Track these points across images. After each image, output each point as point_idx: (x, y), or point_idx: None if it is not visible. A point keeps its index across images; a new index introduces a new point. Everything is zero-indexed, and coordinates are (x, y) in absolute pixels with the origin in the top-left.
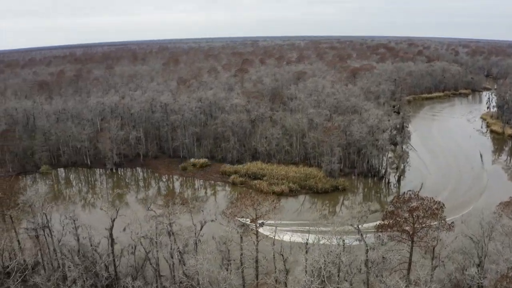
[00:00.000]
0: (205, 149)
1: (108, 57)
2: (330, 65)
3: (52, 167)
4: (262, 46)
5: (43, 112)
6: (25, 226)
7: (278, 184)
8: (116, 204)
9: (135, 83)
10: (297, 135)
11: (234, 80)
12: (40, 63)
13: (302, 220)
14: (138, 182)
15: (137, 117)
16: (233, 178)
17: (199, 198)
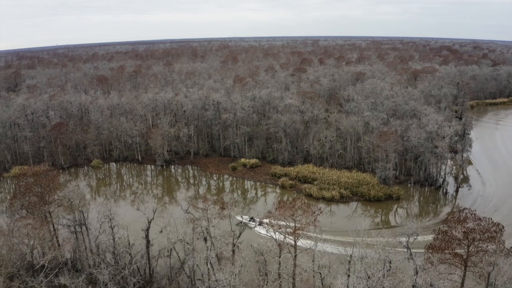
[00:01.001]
0: (256, 149)
1: (168, 54)
2: (391, 66)
3: (103, 162)
4: (323, 45)
5: (98, 106)
6: (64, 223)
7: (329, 189)
8: (159, 203)
9: (192, 80)
10: (352, 138)
11: (291, 79)
12: (103, 58)
13: (348, 230)
14: (187, 180)
15: (190, 114)
16: (283, 181)
17: (247, 200)
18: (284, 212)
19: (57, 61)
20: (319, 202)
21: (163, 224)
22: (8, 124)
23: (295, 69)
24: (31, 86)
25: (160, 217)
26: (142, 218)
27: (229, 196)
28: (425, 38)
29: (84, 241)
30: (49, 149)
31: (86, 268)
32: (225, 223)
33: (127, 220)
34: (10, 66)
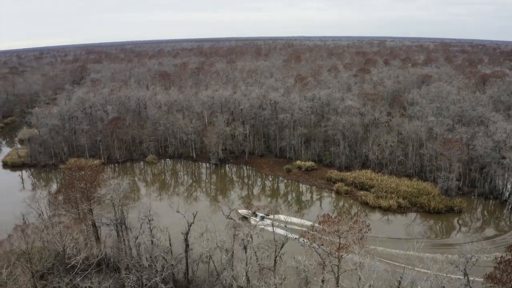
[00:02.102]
0: (313, 151)
1: (232, 51)
2: (458, 69)
3: (158, 158)
4: (389, 46)
5: (156, 102)
6: (103, 221)
7: (386, 198)
8: (211, 202)
9: (254, 78)
10: (414, 144)
11: (353, 80)
12: (168, 55)
13: (401, 247)
14: (241, 180)
15: (246, 113)
16: (338, 186)
17: (301, 204)
18: (328, 227)
19: (124, 57)
20: (375, 211)
21: (204, 228)
22: (67, 117)
23: (359, 70)
24: (94, 80)
25: (200, 220)
26: (185, 219)
27: (282, 199)
28: (496, 41)
29: (123, 241)
30: (105, 143)
31: (122, 270)
32: (268, 232)
33: (170, 220)
34: (77, 60)
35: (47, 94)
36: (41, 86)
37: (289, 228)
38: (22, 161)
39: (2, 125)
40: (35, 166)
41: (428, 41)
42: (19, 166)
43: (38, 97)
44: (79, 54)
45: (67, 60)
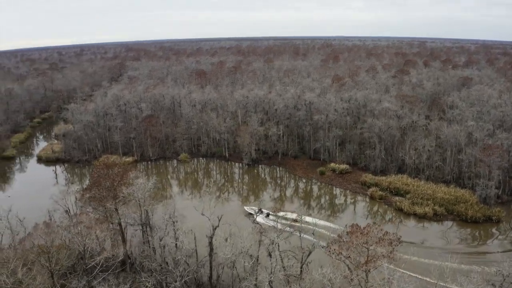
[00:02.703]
0: (348, 154)
1: (270, 51)
2: (500, 72)
3: (191, 156)
4: (429, 47)
5: (190, 100)
6: (128, 221)
7: (422, 204)
8: (243, 203)
9: (291, 78)
10: (452, 149)
11: (392, 81)
12: (206, 53)
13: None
14: (274, 181)
15: (281, 113)
16: (372, 191)
17: (334, 208)
18: (356, 238)
19: (162, 54)
20: (410, 218)
21: (229, 232)
22: (102, 113)
23: (398, 71)
24: (132, 77)
25: (225, 224)
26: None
27: (315, 202)
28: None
29: (148, 242)
30: (139, 141)
31: (145, 271)
32: (295, 238)
33: (196, 222)
34: (116, 57)
35: (84, 91)
36: (79, 83)
37: (317, 232)
38: (56, 156)
39: (40, 120)
40: (69, 162)
41: (469, 43)
42: (53, 161)
43: (76, 93)
44: (118, 52)
45: (107, 57)
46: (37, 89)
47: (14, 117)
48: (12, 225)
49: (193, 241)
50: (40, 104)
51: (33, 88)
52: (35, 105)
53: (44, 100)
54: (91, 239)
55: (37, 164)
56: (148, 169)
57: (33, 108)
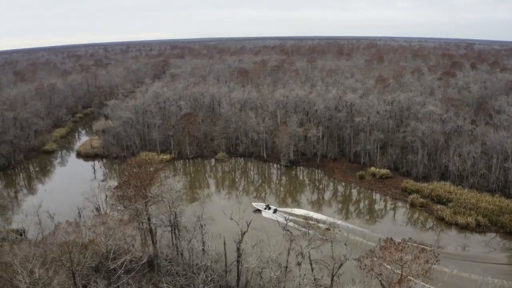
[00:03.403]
0: (389, 158)
1: (314, 50)
2: None
3: (228, 155)
4: (477, 49)
5: (230, 99)
6: (156, 222)
7: (464, 214)
8: (281, 205)
9: (333, 78)
10: (499, 157)
11: (437, 83)
12: (249, 52)
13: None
14: (312, 184)
15: (321, 114)
16: (413, 198)
17: (374, 214)
18: (389, 254)
19: (206, 53)
20: (451, 227)
21: (259, 237)
22: (141, 110)
23: (443, 73)
24: (174, 74)
25: (255, 229)
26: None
27: (354, 207)
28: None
29: (176, 244)
30: (177, 138)
31: (171, 274)
32: (327, 247)
33: (226, 225)
34: (161, 54)
35: (126, 87)
36: (121, 79)
37: (352, 240)
38: (95, 151)
39: (82, 115)
40: (107, 157)
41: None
42: (92, 156)
43: (118, 89)
44: (163, 49)
45: (151, 55)
46: (80, 84)
47: (56, 112)
48: (43, 220)
49: (220, 245)
50: (82, 99)
51: (76, 83)
52: (78, 101)
53: (86, 95)
54: (115, 239)
55: (76, 159)
56: (186, 167)
57: (76, 103)
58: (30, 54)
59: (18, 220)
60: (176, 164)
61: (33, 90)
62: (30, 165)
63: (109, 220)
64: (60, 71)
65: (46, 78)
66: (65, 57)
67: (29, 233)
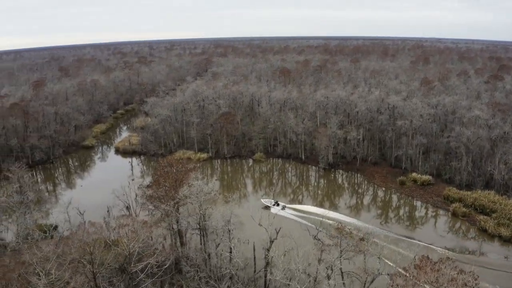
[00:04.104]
0: (431, 164)
1: (358, 50)
2: None
3: (266, 156)
4: None
5: (269, 99)
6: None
7: (509, 226)
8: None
9: (377, 79)
10: None
11: (484, 87)
12: (293, 52)
13: None
14: (352, 188)
15: (362, 116)
16: (455, 207)
17: (413, 221)
18: (424, 274)
19: (249, 52)
20: (494, 240)
21: (288, 245)
22: (180, 108)
23: (491, 76)
24: (215, 73)
25: (285, 237)
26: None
27: (393, 213)
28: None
29: (203, 247)
30: (214, 137)
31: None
32: (360, 258)
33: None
34: (204, 53)
35: (167, 85)
36: (164, 77)
37: (385, 248)
38: (133, 148)
39: (123, 111)
40: (145, 155)
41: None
42: (130, 153)
43: (159, 87)
44: (207, 48)
45: (195, 53)
46: (122, 81)
47: (98, 108)
48: (73, 217)
49: (248, 251)
50: (124, 96)
51: (119, 80)
52: (120, 97)
53: (128, 92)
54: (139, 241)
55: (114, 155)
56: (223, 167)
57: (117, 100)
58: (77, 50)
59: (54, 214)
60: (213, 163)
61: (75, 86)
62: (69, 160)
63: (132, 222)
64: (104, 68)
65: (89, 74)
66: (110, 54)
67: (60, 229)
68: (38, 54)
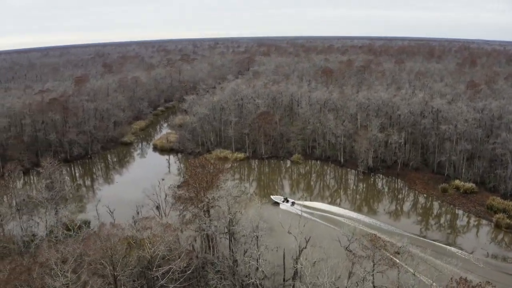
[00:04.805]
0: (475, 171)
1: (403, 51)
2: None
3: (304, 158)
4: None
5: (309, 99)
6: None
7: None
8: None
9: (422, 82)
10: None
11: None
12: (336, 51)
13: None
14: (390, 193)
15: (404, 119)
16: (499, 218)
17: (454, 230)
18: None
19: (292, 51)
20: None
21: (319, 255)
22: (219, 107)
23: None
24: (257, 72)
25: (316, 246)
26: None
27: (434, 221)
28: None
29: (232, 253)
30: (252, 137)
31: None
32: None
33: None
34: (247, 51)
35: (207, 83)
36: (205, 75)
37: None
38: (170, 146)
39: (163, 109)
40: (182, 153)
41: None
42: (167, 151)
43: (200, 85)
44: (250, 46)
45: (238, 51)
46: (164, 78)
47: (138, 105)
48: (103, 214)
49: (276, 259)
50: (165, 93)
51: (160, 77)
52: (160, 94)
53: (169, 89)
54: (163, 244)
55: (152, 152)
56: (260, 167)
57: (158, 97)
58: (122, 47)
59: (88, 210)
60: (250, 164)
61: (117, 82)
62: (107, 156)
63: (156, 224)
64: (147, 65)
65: (132, 71)
66: (154, 52)
67: (92, 225)
68: (84, 50)
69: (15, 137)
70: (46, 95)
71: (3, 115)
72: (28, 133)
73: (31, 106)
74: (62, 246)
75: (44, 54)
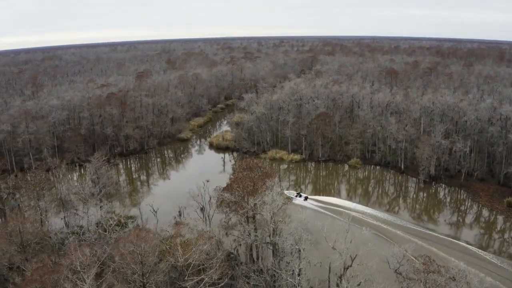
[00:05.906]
0: None
1: (472, 53)
2: None
3: (363, 162)
4: None
5: (370, 101)
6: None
7: None
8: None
9: (491, 86)
10: None
11: None
12: (403, 52)
13: None
14: (452, 205)
15: (470, 126)
16: None
17: None
18: None
19: (357, 50)
20: None
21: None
22: (276, 106)
23: None
24: (319, 71)
25: (361, 264)
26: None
27: (497, 235)
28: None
29: (274, 263)
30: (309, 139)
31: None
32: None
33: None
34: (311, 50)
35: (268, 81)
36: (267, 73)
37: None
38: (226, 144)
39: (222, 106)
40: (237, 151)
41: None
42: (223, 149)
43: (260, 83)
44: (315, 45)
45: (302, 50)
46: (225, 76)
47: (197, 101)
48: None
49: (319, 275)
50: (226, 90)
51: (221, 74)
52: (221, 91)
53: (230, 87)
54: (196, 252)
55: (208, 149)
56: (316, 171)
57: (218, 94)
58: (188, 44)
59: (139, 205)
60: (306, 166)
61: (177, 78)
62: (163, 151)
63: (189, 232)
64: (210, 62)
65: (194, 67)
66: (218, 49)
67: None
68: (150, 46)
69: (72, 130)
70: (106, 89)
71: (62, 108)
72: (85, 126)
73: (90, 99)
74: (88, 249)
75: (112, 49)
